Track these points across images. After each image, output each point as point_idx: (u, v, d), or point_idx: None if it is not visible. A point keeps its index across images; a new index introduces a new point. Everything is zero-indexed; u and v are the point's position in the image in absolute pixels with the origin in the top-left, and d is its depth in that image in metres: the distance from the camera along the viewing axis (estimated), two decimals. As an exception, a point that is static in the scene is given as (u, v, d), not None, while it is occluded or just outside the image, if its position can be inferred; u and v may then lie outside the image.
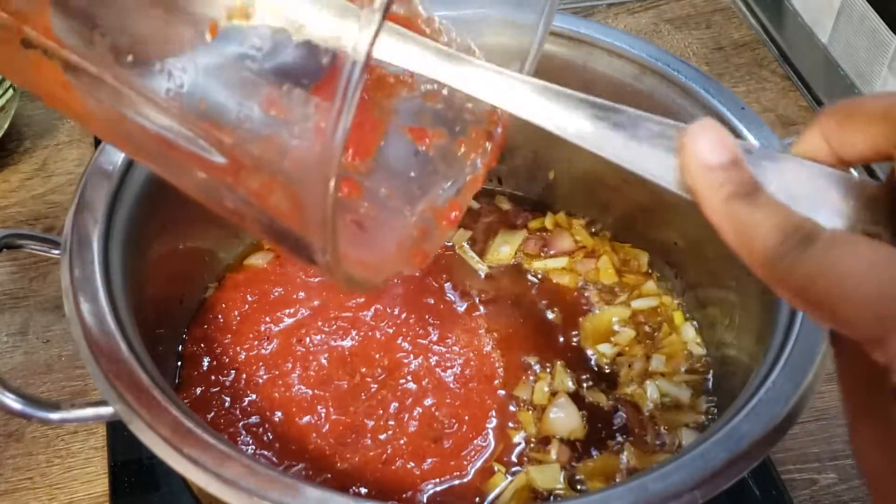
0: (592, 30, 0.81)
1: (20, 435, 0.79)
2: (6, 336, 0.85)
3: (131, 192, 0.70)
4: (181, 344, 0.78)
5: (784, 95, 1.13)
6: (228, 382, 0.75)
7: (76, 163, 1.00)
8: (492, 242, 0.88)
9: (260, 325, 0.78)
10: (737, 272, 0.76)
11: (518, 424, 0.75)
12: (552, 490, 0.71)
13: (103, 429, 0.79)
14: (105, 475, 0.77)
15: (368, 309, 0.80)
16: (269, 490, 0.54)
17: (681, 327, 0.82)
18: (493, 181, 0.93)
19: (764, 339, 0.66)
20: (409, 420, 0.73)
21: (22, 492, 0.76)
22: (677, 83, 0.78)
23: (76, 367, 0.83)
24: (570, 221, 0.90)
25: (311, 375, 0.75)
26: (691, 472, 0.56)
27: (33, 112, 1.05)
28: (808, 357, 0.62)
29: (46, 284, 0.89)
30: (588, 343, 0.80)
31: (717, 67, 1.15)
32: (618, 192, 0.86)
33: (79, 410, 0.61)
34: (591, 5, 1.23)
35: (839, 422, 0.82)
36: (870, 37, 1.09)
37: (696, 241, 0.81)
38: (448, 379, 0.76)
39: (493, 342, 0.79)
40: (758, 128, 0.75)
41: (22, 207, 0.96)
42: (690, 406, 0.77)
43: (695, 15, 1.22)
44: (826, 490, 0.78)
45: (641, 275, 0.86)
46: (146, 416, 0.57)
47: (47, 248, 0.68)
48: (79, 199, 0.68)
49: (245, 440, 0.72)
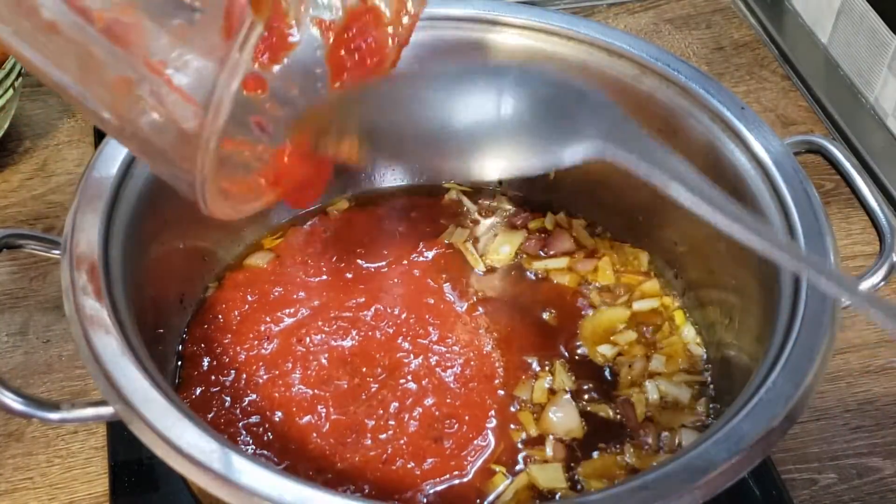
0: (592, 30, 0.82)
1: (20, 435, 0.79)
2: (6, 336, 0.85)
3: (131, 192, 0.70)
4: (181, 344, 0.78)
5: (784, 95, 1.13)
6: (228, 382, 0.75)
7: (76, 163, 1.00)
8: (492, 242, 0.88)
9: (260, 325, 0.78)
10: (737, 272, 0.76)
11: (518, 424, 0.75)
12: (555, 489, 0.71)
13: (103, 429, 0.79)
14: (105, 475, 0.77)
15: (369, 309, 0.80)
16: (270, 490, 0.54)
17: (681, 327, 0.82)
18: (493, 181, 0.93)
19: (764, 339, 0.66)
20: (409, 420, 0.73)
21: (22, 492, 0.76)
22: (677, 83, 0.78)
23: (76, 367, 0.83)
24: (570, 222, 0.90)
25: (311, 375, 0.75)
26: (691, 472, 0.56)
27: (33, 112, 1.05)
28: (808, 357, 0.62)
29: (46, 284, 0.89)
30: (588, 343, 0.80)
31: (717, 67, 1.15)
32: (618, 192, 0.86)
33: (79, 410, 0.61)
34: (591, 5, 1.23)
35: (839, 422, 0.83)
36: (870, 37, 1.09)
37: (696, 241, 0.81)
38: (448, 379, 0.76)
39: (493, 342, 0.79)
40: (758, 128, 0.75)
41: (22, 207, 0.96)
42: (690, 406, 0.77)
43: (695, 15, 1.22)
44: (826, 490, 0.78)
45: (641, 275, 0.86)
46: (146, 416, 0.57)
47: (47, 248, 0.68)
48: (79, 199, 0.68)
49: (245, 440, 0.72)
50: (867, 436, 0.82)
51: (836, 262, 0.67)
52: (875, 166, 1.06)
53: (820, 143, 0.76)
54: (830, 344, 0.63)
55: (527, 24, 0.82)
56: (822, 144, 0.76)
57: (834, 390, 0.84)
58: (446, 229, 0.88)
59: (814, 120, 1.10)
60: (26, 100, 1.04)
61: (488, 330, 0.80)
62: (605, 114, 0.56)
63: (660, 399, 0.77)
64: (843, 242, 0.95)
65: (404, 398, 0.74)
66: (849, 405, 0.84)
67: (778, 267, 0.68)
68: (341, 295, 0.81)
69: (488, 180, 0.92)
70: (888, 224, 0.71)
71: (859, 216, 0.94)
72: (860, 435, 0.82)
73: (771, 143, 0.74)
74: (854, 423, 0.82)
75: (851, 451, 0.81)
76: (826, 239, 0.68)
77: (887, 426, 0.82)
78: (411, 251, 0.86)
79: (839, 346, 0.87)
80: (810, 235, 0.68)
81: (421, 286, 0.83)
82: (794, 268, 0.60)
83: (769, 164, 0.73)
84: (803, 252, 0.64)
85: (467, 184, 0.93)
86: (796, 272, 0.64)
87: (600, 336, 0.81)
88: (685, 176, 0.50)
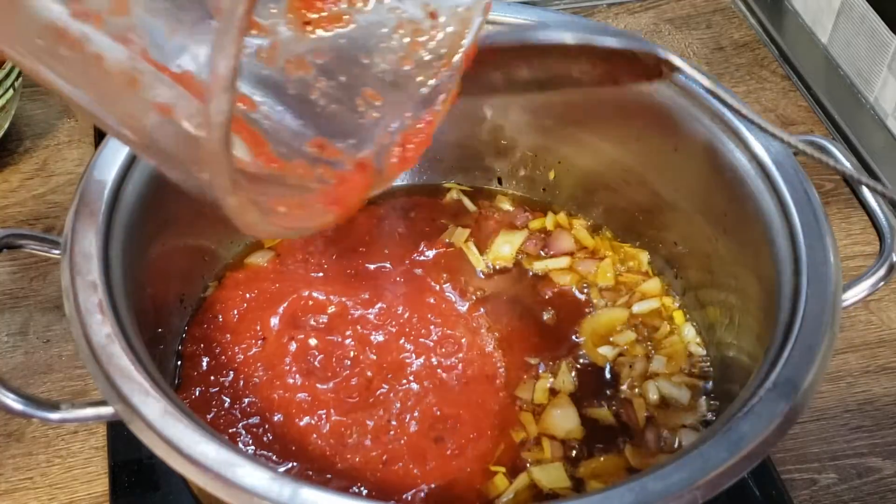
0: (592, 30, 0.81)
1: (20, 435, 0.79)
2: (6, 336, 0.85)
3: (131, 191, 0.70)
4: (181, 343, 0.78)
5: (784, 95, 1.13)
6: (228, 382, 0.75)
7: (76, 163, 1.00)
8: (493, 242, 0.88)
9: (260, 325, 0.78)
10: (737, 272, 0.76)
11: (519, 425, 0.75)
12: (557, 490, 0.71)
13: (103, 429, 0.79)
14: (105, 475, 0.77)
15: (369, 308, 0.80)
16: (270, 490, 0.54)
17: (681, 327, 0.82)
18: (493, 181, 0.93)
19: (764, 339, 0.66)
20: (410, 420, 0.73)
21: (22, 491, 0.76)
22: (677, 83, 0.78)
23: (76, 367, 0.83)
24: (570, 222, 0.90)
25: (311, 375, 0.75)
26: (691, 472, 0.56)
27: (33, 112, 1.05)
28: (808, 357, 0.62)
29: (46, 284, 0.89)
30: (588, 344, 0.80)
31: (717, 67, 1.15)
32: (618, 192, 0.86)
33: (79, 410, 0.61)
34: (592, 5, 1.23)
35: (839, 422, 0.83)
36: (870, 37, 1.09)
37: (696, 242, 0.81)
38: (449, 379, 0.76)
39: (494, 342, 0.79)
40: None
41: (22, 207, 0.96)
42: (690, 406, 0.77)
43: (695, 15, 1.23)
44: (826, 490, 0.78)
45: (641, 275, 0.86)
46: (146, 416, 0.57)
47: (47, 248, 0.68)
48: (79, 199, 0.67)
49: (245, 440, 0.72)
50: (867, 436, 0.82)
51: (836, 263, 0.67)
52: (875, 166, 1.06)
53: (820, 143, 0.76)
54: (830, 344, 0.63)
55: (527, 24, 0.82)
56: (823, 144, 0.76)
57: (834, 390, 0.85)
58: (446, 229, 0.88)
59: (814, 120, 1.10)
60: (26, 100, 1.04)
61: (489, 330, 0.80)
62: None
63: (660, 399, 0.77)
64: (843, 242, 0.95)
65: (405, 398, 0.74)
66: (849, 405, 0.84)
67: (778, 267, 0.68)
68: (342, 294, 0.81)
69: (488, 180, 0.93)
70: (888, 224, 0.71)
71: (859, 216, 0.94)
72: (860, 435, 0.82)
73: (771, 143, 0.74)
74: (854, 423, 0.82)
75: (851, 451, 0.81)
76: (826, 239, 0.68)
77: (887, 426, 0.82)
78: (412, 251, 0.86)
79: (839, 346, 0.87)
80: (810, 235, 0.68)
81: (422, 286, 0.83)
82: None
83: (769, 164, 0.73)
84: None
85: (467, 184, 0.93)
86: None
87: (600, 336, 0.81)
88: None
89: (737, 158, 0.75)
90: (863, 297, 0.69)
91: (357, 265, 0.84)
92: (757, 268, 0.72)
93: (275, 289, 0.81)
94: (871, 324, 0.90)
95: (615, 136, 0.84)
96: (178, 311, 0.79)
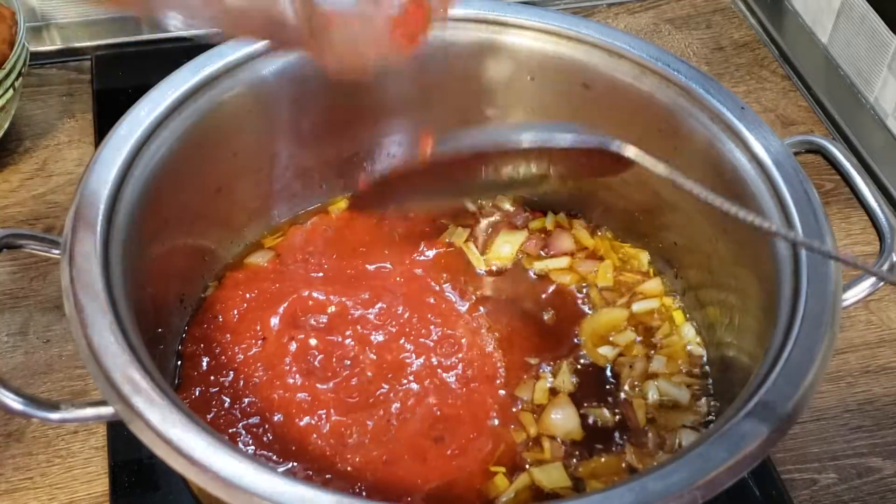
0: (592, 30, 0.81)
1: (20, 435, 0.79)
2: (6, 336, 0.85)
3: (131, 191, 0.70)
4: (181, 343, 0.78)
5: (784, 95, 1.13)
6: (228, 382, 0.75)
7: (76, 163, 1.00)
8: (493, 242, 0.88)
9: (260, 325, 0.78)
10: (737, 272, 0.76)
11: (519, 425, 0.75)
12: (557, 489, 0.71)
13: (103, 429, 0.79)
14: (105, 475, 0.77)
15: (369, 308, 0.80)
16: (270, 490, 0.54)
17: (681, 327, 0.82)
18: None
19: (764, 339, 0.66)
20: (410, 420, 0.73)
21: (22, 491, 0.76)
22: (677, 83, 0.78)
23: (76, 367, 0.83)
24: (570, 222, 0.90)
25: (311, 375, 0.75)
26: (691, 472, 0.56)
27: (33, 112, 1.05)
28: (808, 357, 0.62)
29: (46, 284, 0.89)
30: (588, 344, 0.80)
31: (717, 67, 1.15)
32: (618, 192, 0.86)
33: (79, 410, 0.61)
34: (592, 5, 1.23)
35: (839, 422, 0.83)
36: (870, 37, 1.09)
37: (696, 242, 0.81)
38: (450, 379, 0.76)
39: (494, 342, 0.79)
40: (758, 128, 0.75)
41: (22, 207, 0.96)
42: (690, 406, 0.77)
43: (695, 15, 1.23)
44: (826, 490, 0.78)
45: (641, 275, 0.86)
46: (146, 416, 0.57)
47: (47, 248, 0.68)
48: (79, 199, 0.67)
49: (245, 440, 0.72)
50: (867, 436, 0.82)
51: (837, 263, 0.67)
52: (875, 166, 1.06)
53: (820, 143, 0.76)
54: (830, 344, 0.63)
55: (527, 24, 0.82)
56: (822, 144, 0.76)
57: (834, 390, 0.85)
58: (446, 229, 0.88)
59: (814, 120, 1.10)
60: (26, 100, 1.04)
61: (489, 330, 0.80)
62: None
63: (660, 399, 0.77)
64: (843, 242, 0.95)
65: (406, 398, 0.74)
66: (849, 405, 0.84)
67: (778, 267, 0.68)
68: (342, 294, 0.81)
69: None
70: (888, 224, 0.71)
71: (859, 216, 0.94)
72: (860, 435, 0.82)
73: (771, 143, 0.74)
74: (854, 423, 0.82)
75: (851, 451, 0.81)
76: (826, 239, 0.68)
77: (887, 426, 0.82)
78: (412, 251, 0.86)
79: (839, 346, 0.87)
80: (810, 235, 0.68)
81: (422, 286, 0.83)
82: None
83: (769, 164, 0.73)
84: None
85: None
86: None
87: (600, 336, 0.81)
88: None
89: (737, 158, 0.75)
90: (863, 297, 0.69)
91: (357, 265, 0.84)
92: (757, 268, 0.72)
93: (275, 289, 0.81)
94: (871, 324, 0.90)
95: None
96: (178, 311, 0.79)
